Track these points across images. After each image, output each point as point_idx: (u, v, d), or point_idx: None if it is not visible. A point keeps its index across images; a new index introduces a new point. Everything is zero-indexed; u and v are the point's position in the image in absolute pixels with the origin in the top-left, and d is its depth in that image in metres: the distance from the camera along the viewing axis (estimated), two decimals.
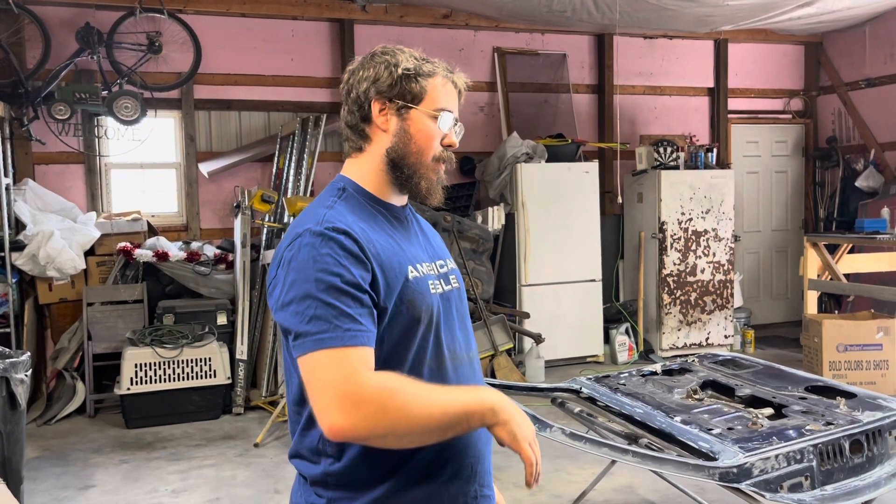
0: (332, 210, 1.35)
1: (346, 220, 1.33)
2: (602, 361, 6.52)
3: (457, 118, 1.47)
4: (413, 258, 1.40)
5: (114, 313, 5.34)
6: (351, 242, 1.29)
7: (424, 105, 1.41)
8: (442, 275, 1.47)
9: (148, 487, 3.99)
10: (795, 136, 8.03)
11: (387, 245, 1.36)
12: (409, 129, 1.41)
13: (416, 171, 1.42)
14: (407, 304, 1.34)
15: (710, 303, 6.77)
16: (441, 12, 6.57)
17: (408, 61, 1.42)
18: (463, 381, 1.44)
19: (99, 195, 5.94)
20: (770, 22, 6.83)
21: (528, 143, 6.38)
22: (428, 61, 1.44)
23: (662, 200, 6.59)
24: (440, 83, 1.43)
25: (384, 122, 1.41)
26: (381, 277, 1.31)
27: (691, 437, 2.30)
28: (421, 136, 1.41)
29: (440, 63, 1.45)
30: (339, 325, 1.23)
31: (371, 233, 1.36)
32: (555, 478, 4.01)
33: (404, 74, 1.40)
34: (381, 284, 1.31)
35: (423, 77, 1.41)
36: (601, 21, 6.45)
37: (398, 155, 1.41)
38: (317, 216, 1.33)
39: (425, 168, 1.42)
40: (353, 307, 1.25)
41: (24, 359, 3.30)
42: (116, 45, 5.62)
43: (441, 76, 1.43)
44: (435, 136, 1.42)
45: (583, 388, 2.91)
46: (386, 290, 1.31)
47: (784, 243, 8.01)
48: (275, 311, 1.31)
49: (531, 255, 6.27)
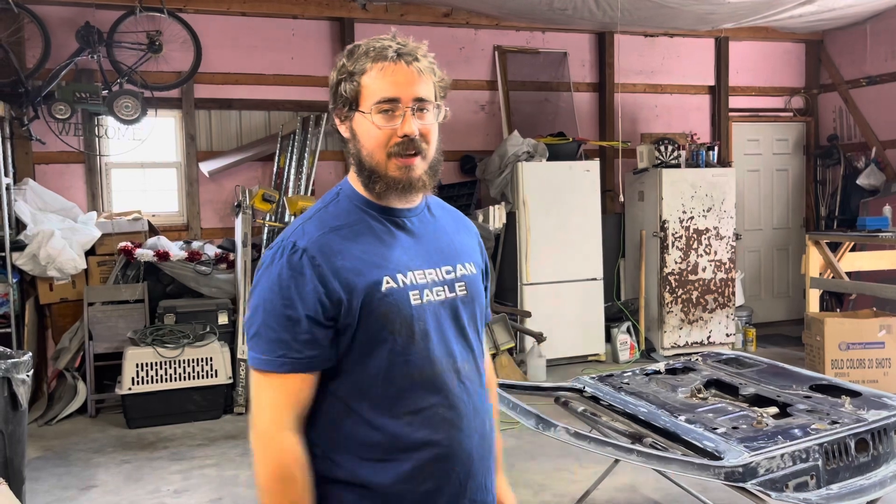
0: (309, 222, 1.37)
1: (315, 232, 1.34)
2: (604, 360, 6.51)
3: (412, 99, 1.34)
4: (398, 267, 1.36)
5: (115, 313, 5.33)
6: (304, 262, 1.30)
7: (363, 104, 1.35)
8: (446, 281, 1.42)
9: (150, 487, 3.99)
10: (796, 134, 8.02)
11: (362, 256, 1.33)
12: (357, 133, 1.37)
13: (374, 172, 1.37)
14: (378, 317, 1.32)
15: (711, 301, 6.76)
16: (441, 11, 6.56)
17: (346, 63, 1.37)
18: (467, 397, 1.40)
19: (99, 195, 5.93)
20: (771, 19, 6.82)
21: (529, 141, 6.37)
22: (366, 54, 1.35)
23: (664, 199, 6.58)
24: (376, 73, 1.33)
25: (344, 129, 1.40)
26: (343, 293, 1.30)
27: (696, 437, 2.30)
28: (365, 138, 1.36)
29: (379, 47, 1.35)
30: (275, 350, 1.29)
31: (344, 243, 1.33)
32: (558, 477, 4.01)
33: (338, 80, 1.38)
34: (342, 300, 1.30)
35: (357, 75, 1.35)
36: (602, 19, 6.43)
37: (356, 160, 1.39)
38: (293, 228, 1.36)
39: (382, 168, 1.36)
40: (293, 332, 1.29)
41: (26, 359, 3.29)
42: (117, 44, 5.61)
43: (378, 64, 1.33)
44: (377, 133, 1.34)
45: (586, 387, 2.91)
46: (348, 306, 1.30)
47: (785, 241, 8.00)
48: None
49: (532, 253, 6.26)
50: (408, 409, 1.34)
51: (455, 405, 1.37)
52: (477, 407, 1.42)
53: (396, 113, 1.34)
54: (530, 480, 3.97)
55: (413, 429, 1.34)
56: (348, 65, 1.36)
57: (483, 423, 1.44)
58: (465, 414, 1.39)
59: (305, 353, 1.29)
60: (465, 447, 1.38)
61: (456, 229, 1.53)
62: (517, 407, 2.43)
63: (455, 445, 1.36)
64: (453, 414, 1.37)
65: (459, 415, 1.38)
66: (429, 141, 1.38)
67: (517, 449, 4.45)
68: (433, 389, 1.35)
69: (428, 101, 1.37)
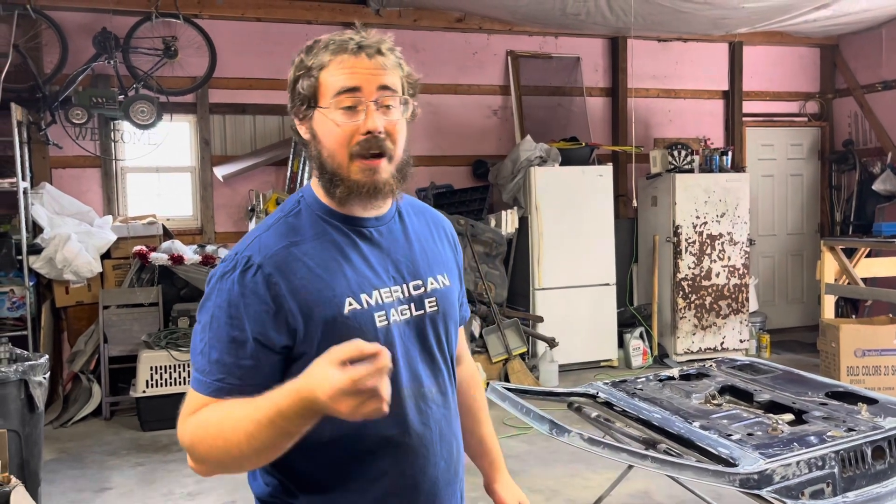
0: (266, 234, 1.25)
1: (272, 245, 1.22)
2: (616, 366, 6.49)
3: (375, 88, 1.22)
4: (362, 286, 1.25)
5: (129, 316, 5.37)
6: (259, 281, 1.19)
7: (322, 100, 1.23)
8: (414, 298, 1.31)
9: (164, 490, 4.01)
10: (811, 139, 7.97)
11: (322, 274, 1.22)
12: (317, 132, 1.25)
13: (335, 175, 1.24)
14: (338, 341, 1.09)
15: (725, 307, 6.72)
16: (455, 16, 6.58)
17: (304, 58, 1.26)
18: (434, 423, 1.32)
19: (115, 199, 5.98)
20: (785, 24, 6.79)
21: (541, 146, 6.37)
22: (325, 47, 1.24)
23: (677, 204, 6.56)
24: (335, 66, 1.22)
25: (304, 130, 1.28)
26: (300, 316, 1.19)
27: (711, 443, 2.28)
28: (325, 137, 1.24)
29: (339, 40, 1.25)
30: (212, 372, 1.18)
31: (303, 259, 1.22)
32: (570, 483, 4.00)
33: (296, 77, 1.26)
34: (298, 324, 1.19)
35: (315, 70, 1.23)
36: (615, 24, 6.43)
37: (317, 163, 1.27)
38: (247, 240, 1.25)
39: (344, 170, 1.24)
40: (235, 357, 1.18)
41: (43, 361, 3.33)
42: (133, 49, 5.66)
43: (338, 57, 1.23)
44: (337, 132, 1.23)
45: (599, 392, 2.90)
46: (304, 331, 1.20)
47: (799, 247, 7.95)
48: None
49: (545, 258, 6.25)
50: (369, 440, 1.24)
51: (419, 433, 1.29)
52: (443, 432, 1.33)
53: (359, 108, 1.22)
54: (543, 486, 3.96)
55: (374, 458, 1.25)
56: (307, 60, 1.25)
57: (450, 449, 1.36)
58: (431, 441, 1.30)
59: (246, 380, 1.17)
60: (430, 476, 1.31)
61: (429, 236, 1.41)
62: (531, 412, 2.43)
63: (419, 475, 1.29)
64: (416, 442, 1.28)
65: (423, 443, 1.29)
66: (395, 140, 1.25)
67: (529, 454, 4.44)
68: (396, 418, 1.24)
69: (393, 94, 1.24)
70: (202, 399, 1.19)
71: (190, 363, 1.26)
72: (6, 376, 3.10)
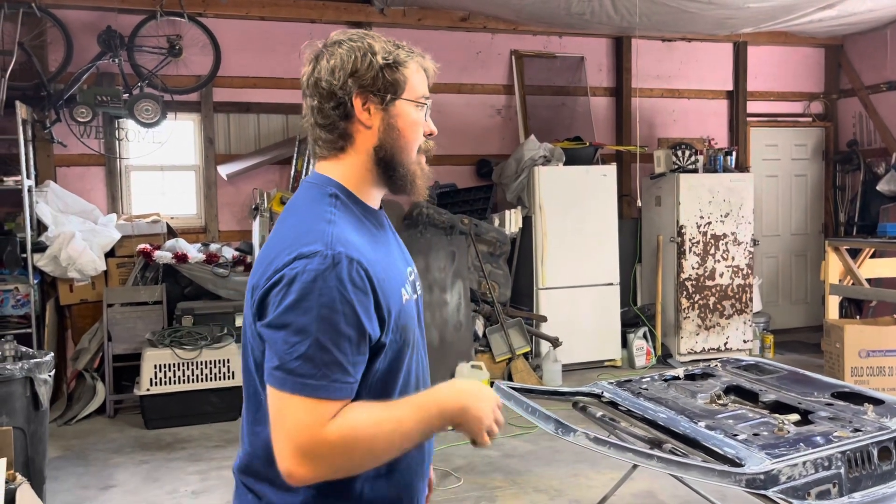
0: (335, 227, 1.22)
1: (352, 241, 1.22)
2: (619, 366, 6.48)
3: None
4: (400, 275, 1.32)
5: (133, 314, 5.38)
6: (360, 274, 1.18)
7: (408, 94, 1.31)
8: (412, 282, 1.39)
9: (168, 488, 4.01)
10: (815, 139, 7.95)
11: (384, 266, 1.26)
12: (397, 124, 1.30)
13: (407, 168, 1.32)
14: (401, 331, 1.26)
15: (728, 307, 6.71)
16: (459, 15, 6.57)
17: (384, 48, 1.30)
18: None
19: (119, 197, 5.99)
20: (790, 24, 6.77)
21: (545, 146, 6.37)
22: (399, 46, 1.32)
23: (681, 204, 6.55)
24: (415, 69, 1.32)
25: (368, 118, 1.29)
26: (385, 308, 1.22)
27: (716, 443, 2.28)
28: (409, 130, 1.31)
29: (408, 46, 1.34)
30: (327, 374, 1.15)
31: (371, 252, 1.25)
32: (574, 483, 3.99)
33: (385, 64, 1.28)
34: (385, 315, 1.22)
35: (402, 64, 1.30)
36: (620, 24, 6.42)
37: (388, 153, 1.30)
38: (323, 235, 1.20)
39: (414, 164, 1.33)
40: (348, 354, 1.17)
41: (48, 359, 3.33)
42: (137, 48, 5.67)
43: (415, 62, 1.33)
44: (418, 128, 1.33)
45: (604, 392, 2.89)
46: (387, 321, 1.23)
47: (803, 248, 7.94)
48: (260, 325, 1.20)
49: (548, 258, 6.25)
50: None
51: None
52: None
53: (426, 112, 1.36)
54: (547, 486, 3.96)
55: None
56: (392, 51, 1.30)
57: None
58: None
59: (355, 377, 1.19)
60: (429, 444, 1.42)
61: (392, 228, 1.50)
62: (536, 411, 2.43)
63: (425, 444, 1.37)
64: None
65: None
66: None
67: (532, 454, 4.44)
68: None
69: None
70: (326, 404, 1.15)
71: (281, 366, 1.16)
72: (11, 374, 3.11)
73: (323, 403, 1.15)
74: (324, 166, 1.34)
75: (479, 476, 4.11)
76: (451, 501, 3.78)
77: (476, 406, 1.24)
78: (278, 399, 1.16)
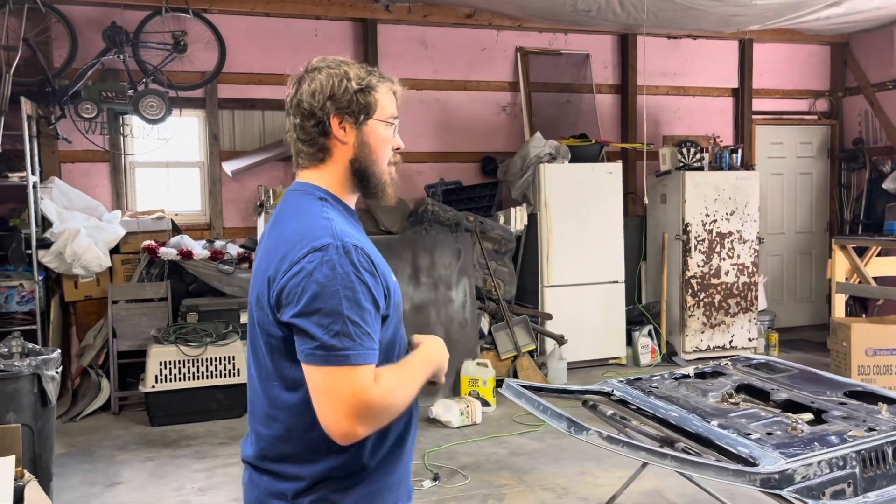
0: (334, 223, 1.40)
1: (351, 233, 1.41)
2: (624, 364, 6.47)
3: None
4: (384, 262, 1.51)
5: (138, 311, 5.37)
6: (365, 257, 1.37)
7: (378, 115, 1.50)
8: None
9: (174, 485, 4.01)
10: (821, 137, 7.93)
11: (376, 252, 1.45)
12: (369, 141, 1.50)
13: (379, 178, 1.53)
14: (395, 307, 1.47)
15: (734, 305, 6.70)
16: (464, 12, 6.55)
17: (357, 74, 1.49)
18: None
19: (124, 193, 5.98)
20: (796, 22, 6.75)
21: (551, 143, 6.35)
22: (371, 73, 1.52)
23: (687, 202, 6.53)
24: (385, 92, 1.52)
25: (344, 135, 1.48)
26: (385, 286, 1.42)
27: (730, 442, 2.27)
28: (379, 146, 1.51)
29: (379, 72, 1.54)
30: (361, 344, 1.32)
31: (364, 241, 1.44)
32: (581, 481, 3.98)
33: (359, 88, 1.47)
34: (387, 292, 1.43)
35: (373, 89, 1.50)
36: (626, 20, 6.40)
37: (361, 165, 1.50)
38: (328, 230, 1.38)
39: (385, 174, 1.54)
40: (372, 324, 1.35)
41: (55, 356, 3.32)
42: (142, 44, 5.65)
43: (385, 86, 1.53)
44: (387, 144, 1.54)
45: (614, 390, 2.88)
46: (389, 297, 1.43)
47: (808, 246, 7.92)
48: (289, 315, 1.34)
49: (553, 255, 6.23)
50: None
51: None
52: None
53: (394, 130, 1.55)
54: (554, 484, 3.95)
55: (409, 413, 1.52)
56: (364, 77, 1.49)
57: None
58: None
59: (377, 345, 1.38)
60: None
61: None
62: (548, 410, 2.42)
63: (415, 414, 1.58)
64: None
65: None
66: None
67: (539, 452, 4.43)
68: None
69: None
70: (367, 368, 1.33)
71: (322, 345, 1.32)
72: (19, 370, 3.10)
73: (364, 369, 1.32)
74: (307, 175, 1.53)
75: (485, 474, 4.09)
76: (460, 499, 3.77)
77: (445, 359, 1.54)
78: (324, 374, 1.32)
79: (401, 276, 5.51)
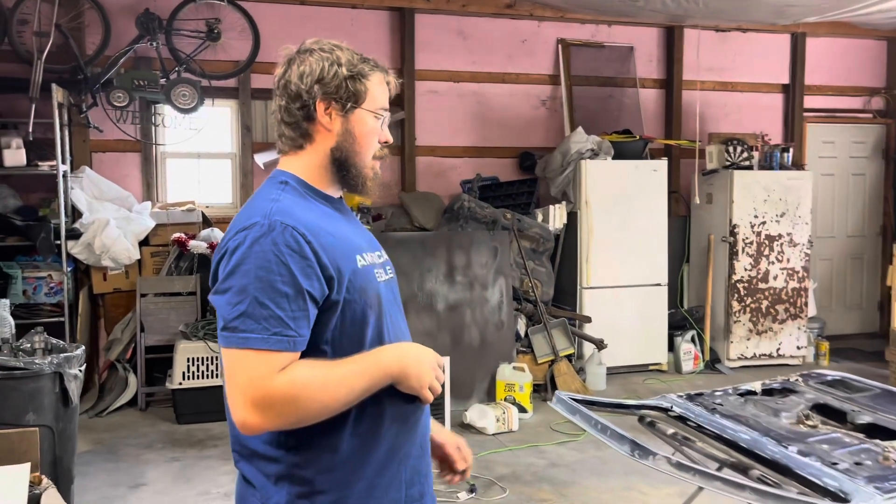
0: (277, 203, 1.34)
1: (293, 212, 1.33)
2: (665, 370, 6.20)
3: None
4: (358, 247, 1.43)
5: (167, 305, 5.24)
6: (297, 238, 1.29)
7: (367, 105, 1.43)
8: (381, 264, 1.49)
9: (200, 489, 3.85)
10: (875, 136, 7.56)
11: (336, 233, 1.37)
12: (354, 130, 1.43)
13: (360, 171, 1.45)
14: (358, 292, 1.36)
15: (782, 311, 6.39)
16: (505, 2, 6.32)
17: (350, 60, 1.42)
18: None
19: (154, 184, 5.86)
20: (855, 14, 6.39)
21: (593, 138, 6.10)
22: (364, 59, 1.45)
23: (734, 202, 6.24)
24: (377, 82, 1.45)
25: (329, 122, 1.42)
26: (332, 268, 1.32)
27: (814, 472, 2.02)
28: (364, 137, 1.44)
29: (373, 60, 1.47)
30: (268, 328, 1.25)
31: (319, 221, 1.36)
32: (626, 497, 3.75)
33: (349, 75, 1.41)
34: (333, 275, 1.32)
35: (364, 77, 1.43)
36: (674, 11, 6.11)
37: (343, 155, 1.43)
38: (263, 209, 1.32)
39: (367, 167, 1.46)
40: (287, 310, 1.26)
41: (79, 353, 3.17)
42: (176, 31, 5.51)
43: (378, 76, 1.45)
44: (374, 136, 1.46)
45: (674, 406, 2.64)
46: (338, 281, 1.33)
47: (860, 250, 7.56)
48: (210, 294, 1.33)
49: (594, 256, 5.99)
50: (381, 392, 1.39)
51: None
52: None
53: (386, 123, 1.48)
54: (597, 499, 3.72)
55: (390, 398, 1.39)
56: (357, 64, 1.42)
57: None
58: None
59: (299, 331, 1.28)
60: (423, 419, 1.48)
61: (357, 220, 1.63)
62: (607, 430, 2.20)
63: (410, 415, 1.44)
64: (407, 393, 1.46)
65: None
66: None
67: (580, 463, 4.20)
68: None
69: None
70: (272, 355, 1.24)
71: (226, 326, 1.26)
72: (40, 368, 2.95)
73: (268, 355, 1.24)
74: (284, 161, 1.46)
75: (524, 486, 3.88)
76: None
77: (416, 368, 1.37)
78: (228, 357, 1.27)
79: (435, 274, 5.32)
